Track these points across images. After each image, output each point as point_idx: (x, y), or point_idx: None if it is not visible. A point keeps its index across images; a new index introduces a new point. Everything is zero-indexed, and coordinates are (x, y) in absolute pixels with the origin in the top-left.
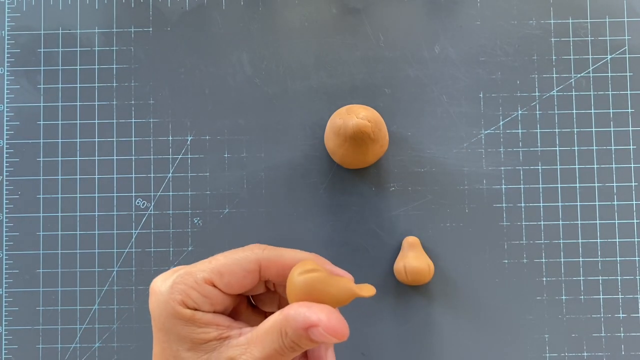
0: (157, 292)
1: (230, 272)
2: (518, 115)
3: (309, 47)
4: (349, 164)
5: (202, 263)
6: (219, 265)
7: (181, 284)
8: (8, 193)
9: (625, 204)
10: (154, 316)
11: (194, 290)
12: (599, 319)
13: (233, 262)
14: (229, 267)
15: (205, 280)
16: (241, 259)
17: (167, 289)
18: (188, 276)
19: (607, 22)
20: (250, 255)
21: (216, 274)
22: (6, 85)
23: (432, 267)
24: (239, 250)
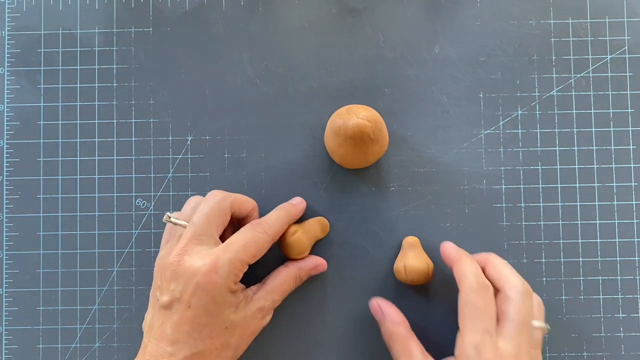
0: (216, 276)
1: (260, 253)
2: (518, 115)
3: (309, 47)
4: (349, 164)
5: (242, 248)
6: (254, 250)
7: (236, 271)
8: (8, 193)
9: (625, 204)
10: (211, 293)
11: (240, 272)
12: (598, 319)
13: (261, 246)
14: (259, 250)
15: (247, 263)
16: (264, 243)
17: (225, 273)
18: (239, 264)
19: (607, 22)
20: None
21: (252, 257)
22: (6, 85)
23: (431, 267)
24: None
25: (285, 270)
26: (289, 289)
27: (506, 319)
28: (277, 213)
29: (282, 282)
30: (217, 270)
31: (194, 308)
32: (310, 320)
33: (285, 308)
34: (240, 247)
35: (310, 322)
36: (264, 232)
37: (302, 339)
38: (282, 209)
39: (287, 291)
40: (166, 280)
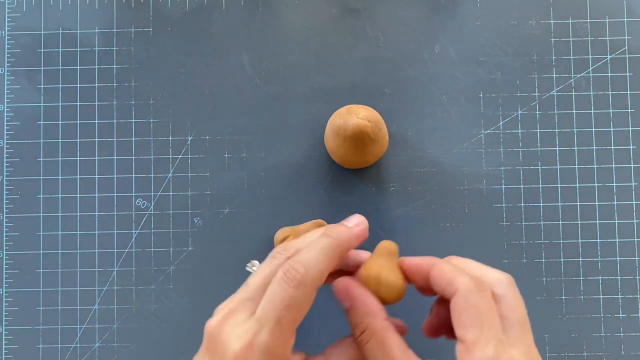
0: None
1: (302, 315)
2: (518, 115)
3: (309, 47)
4: (349, 164)
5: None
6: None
7: (277, 352)
8: (8, 193)
9: (625, 203)
10: None
11: (287, 350)
12: (598, 319)
13: (301, 309)
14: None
15: (290, 336)
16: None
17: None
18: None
19: (607, 22)
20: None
21: (294, 326)
22: (6, 85)
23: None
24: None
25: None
26: None
27: (507, 323)
28: (318, 244)
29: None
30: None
31: None
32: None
33: None
34: (274, 322)
35: (310, 322)
36: (297, 284)
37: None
38: (329, 237)
39: None
40: (203, 347)
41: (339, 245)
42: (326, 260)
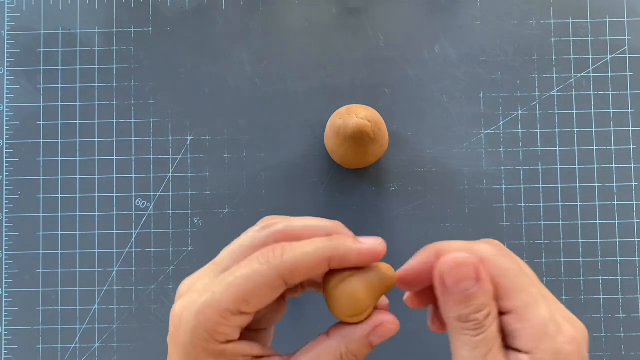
0: (182, 326)
1: (256, 296)
2: (518, 115)
3: (309, 47)
4: (349, 164)
5: (222, 287)
6: (242, 292)
7: (208, 321)
8: (8, 193)
9: (626, 204)
10: (179, 349)
11: (222, 325)
12: (599, 319)
13: (256, 286)
14: (254, 292)
15: (232, 312)
16: (262, 279)
17: (193, 325)
18: (212, 311)
19: (607, 22)
20: (270, 273)
21: (242, 302)
22: (6, 85)
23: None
24: (252, 262)
25: (326, 343)
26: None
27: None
28: (313, 242)
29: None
30: (182, 322)
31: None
32: (309, 322)
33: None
34: (223, 287)
35: (309, 323)
36: (266, 261)
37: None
38: (330, 240)
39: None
40: None
41: (334, 252)
42: (311, 261)
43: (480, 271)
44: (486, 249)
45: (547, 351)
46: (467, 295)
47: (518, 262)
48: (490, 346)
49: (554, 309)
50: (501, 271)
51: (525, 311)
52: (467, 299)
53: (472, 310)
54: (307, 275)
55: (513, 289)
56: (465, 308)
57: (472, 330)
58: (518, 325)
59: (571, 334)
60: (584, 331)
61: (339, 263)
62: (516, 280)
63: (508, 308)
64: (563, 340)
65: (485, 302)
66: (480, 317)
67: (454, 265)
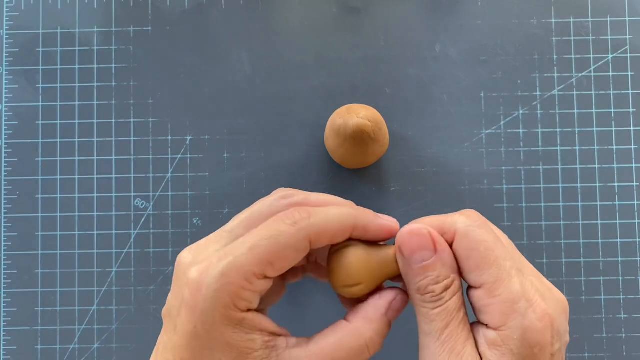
0: (202, 291)
1: (281, 258)
2: (519, 114)
3: (309, 47)
4: (349, 163)
5: (247, 250)
6: (268, 254)
7: (231, 285)
8: (6, 193)
9: (627, 204)
10: (196, 316)
11: (246, 290)
12: (600, 320)
13: (282, 247)
14: (280, 254)
15: (256, 275)
16: (289, 240)
17: (215, 288)
18: (237, 274)
19: (608, 22)
20: (298, 234)
21: (266, 264)
22: (5, 85)
23: None
24: (278, 223)
25: (349, 327)
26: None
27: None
28: (337, 208)
29: (340, 344)
30: (202, 287)
31: (179, 334)
32: (308, 323)
33: (283, 310)
34: (246, 249)
35: (309, 324)
36: (293, 222)
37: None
38: (352, 208)
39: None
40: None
41: (358, 219)
42: (336, 224)
43: (437, 241)
44: (460, 220)
45: (515, 328)
46: (424, 266)
47: (494, 233)
48: (448, 320)
49: (528, 283)
50: (473, 243)
51: (495, 286)
52: (424, 270)
53: (430, 282)
54: (331, 239)
55: (484, 262)
56: (423, 279)
57: (429, 302)
58: (487, 300)
59: (542, 309)
60: (562, 304)
61: (360, 233)
62: (488, 253)
63: (478, 282)
64: (534, 316)
65: (444, 273)
66: (437, 288)
67: (409, 236)
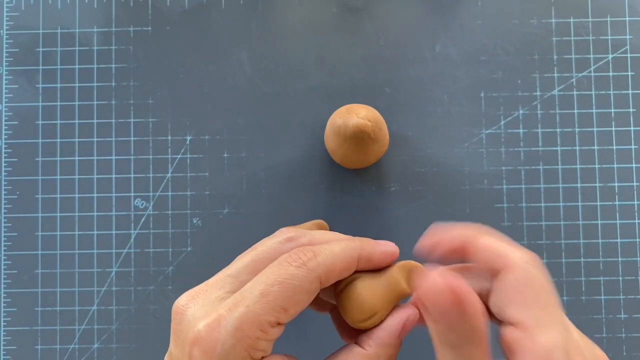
0: (217, 348)
1: (295, 303)
2: (519, 114)
3: (309, 47)
4: (349, 163)
5: (256, 297)
6: (281, 300)
7: (247, 338)
8: (6, 193)
9: (627, 204)
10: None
11: (261, 340)
12: (600, 320)
13: (295, 291)
14: (293, 299)
15: (271, 324)
16: (301, 284)
17: (231, 344)
18: (251, 326)
19: (608, 22)
20: (308, 276)
21: (280, 311)
22: (4, 85)
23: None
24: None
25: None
26: None
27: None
28: (339, 243)
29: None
30: (216, 345)
31: None
32: (309, 323)
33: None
34: (257, 296)
35: (309, 325)
36: (301, 264)
37: (300, 343)
38: (352, 240)
39: None
40: (171, 331)
41: (362, 250)
42: (342, 260)
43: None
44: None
45: None
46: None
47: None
48: None
49: (570, 336)
50: (527, 281)
51: (535, 330)
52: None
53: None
54: (339, 275)
55: (529, 302)
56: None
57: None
58: (525, 342)
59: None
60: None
61: (365, 263)
62: (537, 295)
63: (514, 319)
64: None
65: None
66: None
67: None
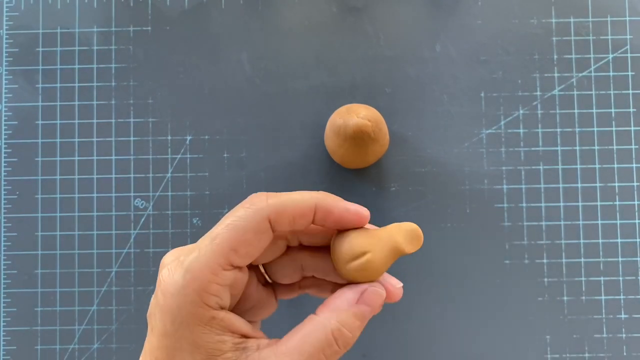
0: (170, 289)
1: (243, 243)
2: (519, 114)
3: (309, 47)
4: (349, 163)
5: (209, 242)
6: (229, 241)
7: (197, 280)
8: (6, 193)
9: (627, 204)
10: (165, 317)
11: (212, 283)
12: (600, 320)
13: (242, 231)
14: (240, 239)
15: (222, 265)
16: (248, 223)
17: (181, 285)
18: (201, 267)
19: (608, 21)
20: (255, 215)
21: (229, 252)
22: (4, 85)
23: None
24: (237, 211)
25: (312, 320)
26: (321, 351)
27: None
28: (300, 192)
29: (306, 339)
30: (169, 286)
31: (155, 334)
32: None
33: (282, 310)
34: (207, 240)
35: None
36: (250, 204)
37: None
38: (316, 193)
39: (315, 355)
40: None
41: (320, 200)
42: (295, 204)
43: None
44: None
45: None
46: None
47: None
48: None
49: None
50: None
51: None
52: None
53: None
54: (292, 220)
55: None
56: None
57: None
58: None
59: None
60: None
61: (324, 215)
62: None
63: None
64: None
65: None
66: None
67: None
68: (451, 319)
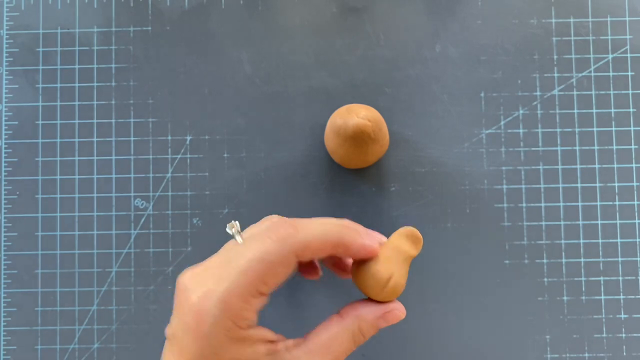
0: (205, 319)
1: (273, 276)
2: (519, 114)
3: (309, 47)
4: (349, 164)
5: (238, 271)
6: (260, 275)
7: (231, 309)
8: (6, 193)
9: (627, 204)
10: (201, 341)
11: (247, 311)
12: (600, 320)
13: (271, 265)
14: (271, 272)
15: (252, 295)
16: (277, 258)
17: (217, 315)
18: (235, 298)
19: (608, 22)
20: (283, 251)
21: (259, 284)
22: (5, 85)
23: None
24: (264, 243)
25: (339, 322)
26: (345, 351)
27: None
28: (323, 221)
29: (334, 339)
30: (204, 314)
31: (185, 354)
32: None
33: (283, 310)
34: (239, 273)
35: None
36: (278, 239)
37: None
38: (340, 221)
39: (341, 354)
40: (174, 304)
41: (341, 239)
42: (320, 240)
43: None
44: None
45: None
46: None
47: None
48: None
49: None
50: None
51: None
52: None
53: None
54: (315, 253)
55: None
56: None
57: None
58: None
59: None
60: None
61: (343, 250)
62: None
63: None
64: None
65: None
66: None
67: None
68: (451, 319)
